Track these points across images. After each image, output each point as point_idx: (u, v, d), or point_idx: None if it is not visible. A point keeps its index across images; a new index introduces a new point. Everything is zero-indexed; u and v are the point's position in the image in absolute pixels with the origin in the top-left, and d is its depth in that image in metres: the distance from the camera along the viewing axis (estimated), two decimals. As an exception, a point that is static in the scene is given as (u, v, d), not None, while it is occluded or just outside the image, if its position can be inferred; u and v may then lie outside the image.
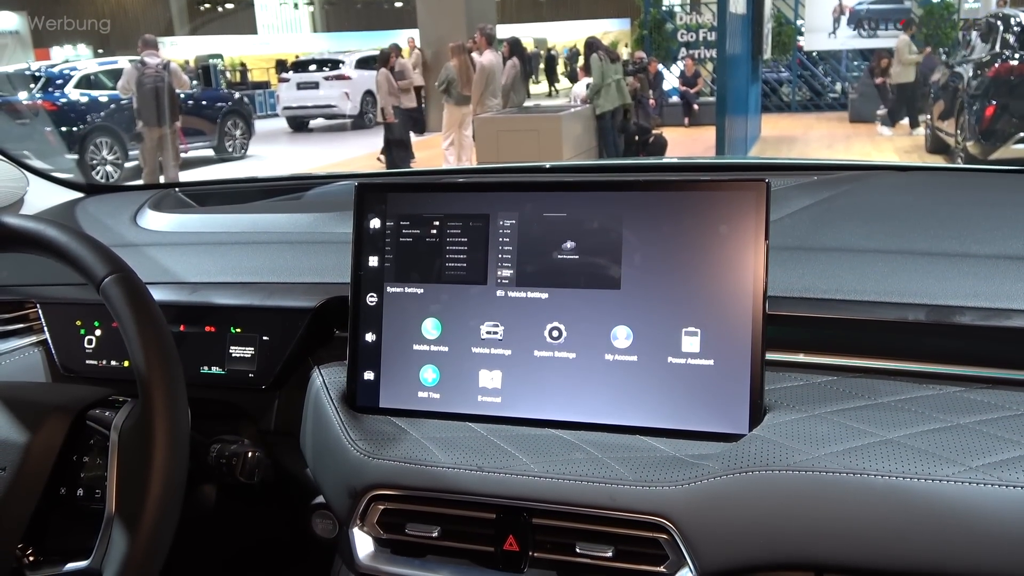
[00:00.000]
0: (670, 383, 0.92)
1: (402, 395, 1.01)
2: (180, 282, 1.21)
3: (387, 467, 0.93)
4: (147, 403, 0.82)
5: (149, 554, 0.79)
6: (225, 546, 1.15)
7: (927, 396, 0.89)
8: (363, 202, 1.03)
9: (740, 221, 0.91)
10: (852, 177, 1.28)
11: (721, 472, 0.84)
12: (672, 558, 0.86)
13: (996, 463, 0.79)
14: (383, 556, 0.96)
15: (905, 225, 1.08)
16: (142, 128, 8.38)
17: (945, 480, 0.78)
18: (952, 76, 9.05)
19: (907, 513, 0.79)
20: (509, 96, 8.90)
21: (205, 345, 1.13)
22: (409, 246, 1.01)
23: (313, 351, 1.12)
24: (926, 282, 0.96)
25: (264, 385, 1.11)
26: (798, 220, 1.12)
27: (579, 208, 0.96)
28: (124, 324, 0.84)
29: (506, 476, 0.90)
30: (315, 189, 1.62)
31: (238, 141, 11.99)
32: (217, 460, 1.02)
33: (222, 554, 1.16)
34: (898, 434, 0.84)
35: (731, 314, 0.90)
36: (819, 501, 0.81)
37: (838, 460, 0.82)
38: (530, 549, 0.91)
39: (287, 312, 1.11)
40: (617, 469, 0.87)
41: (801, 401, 0.90)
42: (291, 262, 1.21)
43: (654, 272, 0.93)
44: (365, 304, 1.02)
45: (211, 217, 1.43)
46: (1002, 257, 0.98)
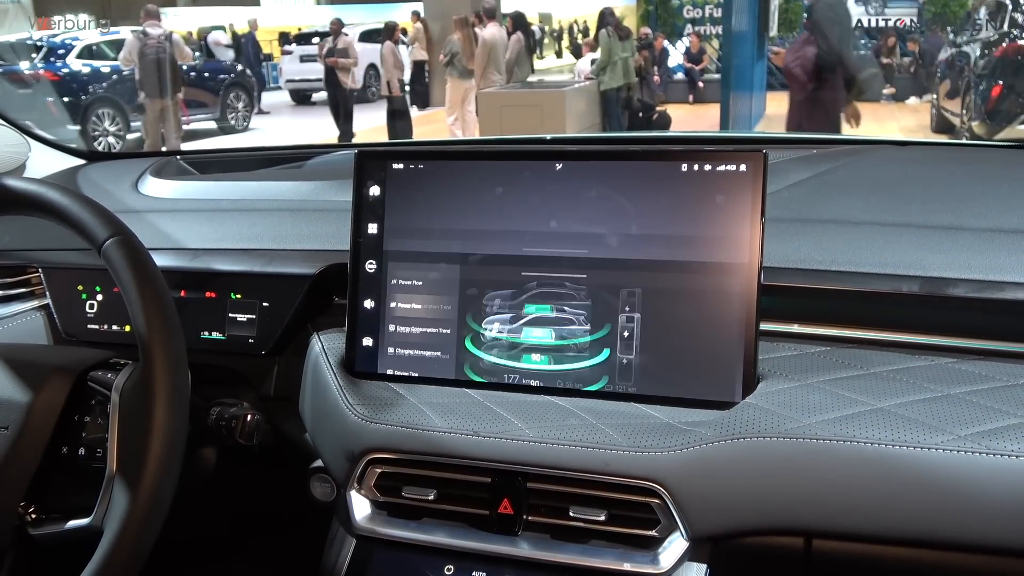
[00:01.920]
0: (666, 350, 0.93)
1: (401, 360, 1.02)
2: (181, 248, 1.22)
3: (384, 431, 0.95)
4: (147, 364, 0.83)
5: (150, 512, 0.80)
6: (225, 508, 1.17)
7: (919, 367, 0.90)
8: (363, 169, 1.03)
9: (737, 192, 0.91)
10: (850, 151, 1.28)
11: (713, 439, 0.86)
12: (664, 522, 0.88)
13: (985, 432, 0.80)
14: (380, 518, 0.98)
15: (901, 198, 1.09)
16: (144, 99, 8.34)
17: (934, 448, 0.80)
18: (959, 55, 8.98)
19: (896, 480, 0.80)
20: (513, 71, 8.86)
21: (205, 311, 1.14)
22: (408, 215, 1.02)
23: (312, 318, 1.13)
24: (920, 254, 0.97)
25: (264, 351, 1.13)
26: (795, 192, 1.13)
27: (578, 177, 0.97)
28: (125, 286, 0.85)
29: (502, 441, 0.91)
30: (316, 158, 1.62)
31: (240, 113, 11.94)
32: (217, 423, 1.03)
33: (222, 516, 1.18)
34: (889, 403, 0.85)
35: (727, 284, 0.91)
36: (809, 468, 0.82)
37: (829, 428, 0.83)
38: (524, 512, 0.92)
39: (287, 279, 1.12)
40: (611, 435, 0.88)
41: (794, 370, 0.91)
42: (291, 229, 1.21)
43: (652, 241, 0.94)
44: (364, 271, 1.03)
45: (212, 184, 1.43)
46: (996, 230, 0.99)
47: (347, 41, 9.38)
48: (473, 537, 0.94)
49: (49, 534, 0.90)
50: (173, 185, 1.41)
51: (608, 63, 8.60)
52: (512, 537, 0.92)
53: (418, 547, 0.96)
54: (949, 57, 9.51)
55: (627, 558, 0.89)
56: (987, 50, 8.06)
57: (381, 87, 9.66)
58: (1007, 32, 7.87)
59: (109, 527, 0.81)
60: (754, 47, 10.04)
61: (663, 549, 0.88)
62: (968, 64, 8.39)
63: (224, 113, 11.68)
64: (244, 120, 12.00)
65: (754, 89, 10.39)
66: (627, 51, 8.91)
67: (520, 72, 9.04)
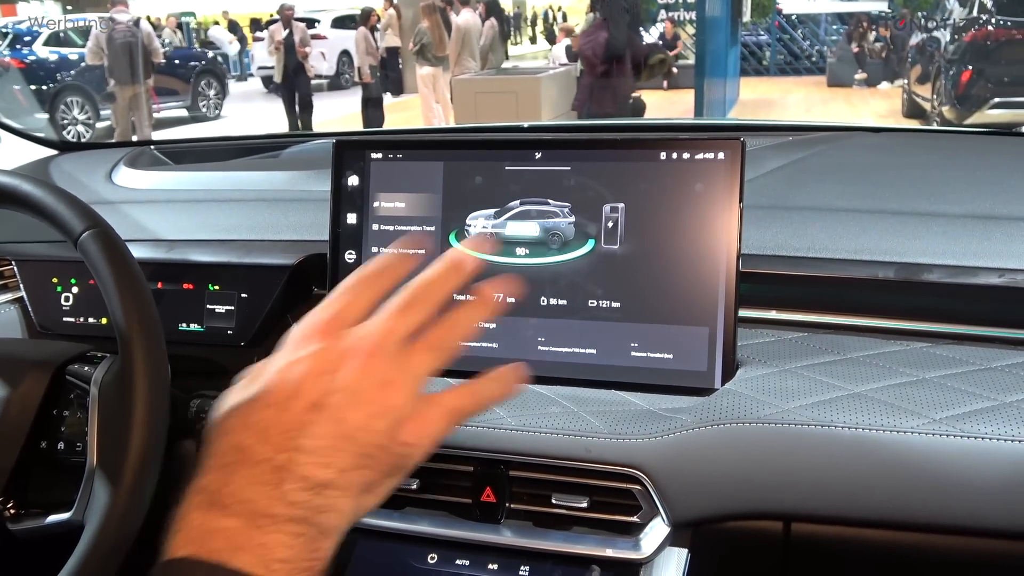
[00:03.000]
0: (645, 338, 0.94)
1: (381, 351, 1.02)
2: (157, 239, 1.21)
3: None
4: (127, 356, 0.83)
5: (131, 506, 0.80)
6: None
7: (894, 352, 0.91)
8: (342, 159, 1.03)
9: (716, 180, 0.92)
10: (826, 138, 1.29)
11: (693, 425, 0.86)
12: (645, 508, 0.88)
13: (959, 415, 0.81)
14: None
15: (877, 185, 1.10)
16: (114, 87, 8.22)
17: (910, 432, 0.81)
18: (929, 40, 9.07)
19: (872, 463, 0.81)
20: (487, 57, 8.83)
21: (183, 302, 1.14)
22: (387, 205, 1.02)
23: (292, 309, 1.13)
24: (896, 240, 0.98)
25: (243, 342, 1.12)
26: (773, 179, 1.14)
27: (555, 166, 0.97)
28: (103, 279, 0.84)
29: (484, 430, 0.91)
30: (292, 147, 1.61)
31: (212, 101, 11.82)
32: (197, 415, 1.03)
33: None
34: (865, 388, 0.86)
35: (706, 270, 0.92)
36: (788, 452, 0.83)
37: (807, 413, 0.84)
38: (507, 500, 0.92)
39: (265, 269, 1.12)
40: (592, 422, 0.89)
41: (772, 356, 0.93)
42: (269, 219, 1.21)
43: (630, 229, 0.94)
44: (344, 261, 1.03)
45: (187, 175, 1.42)
46: (970, 216, 1.00)
47: (302, 29, 9.05)
48: (456, 525, 0.94)
49: (29, 529, 0.89)
50: (148, 176, 1.40)
51: None
52: (495, 525, 0.93)
53: (401, 536, 0.96)
54: (920, 42, 9.60)
55: (609, 544, 0.90)
56: (957, 35, 8.15)
57: (354, 74, 9.56)
58: (977, 17, 7.95)
59: (90, 521, 0.81)
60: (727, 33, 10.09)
61: (644, 535, 0.89)
62: (938, 49, 8.47)
63: (195, 101, 11.56)
64: (216, 108, 11.88)
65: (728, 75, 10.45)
66: None
67: (494, 58, 9.02)
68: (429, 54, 8.59)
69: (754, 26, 15.65)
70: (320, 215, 1.12)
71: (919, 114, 9.26)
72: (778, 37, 15.63)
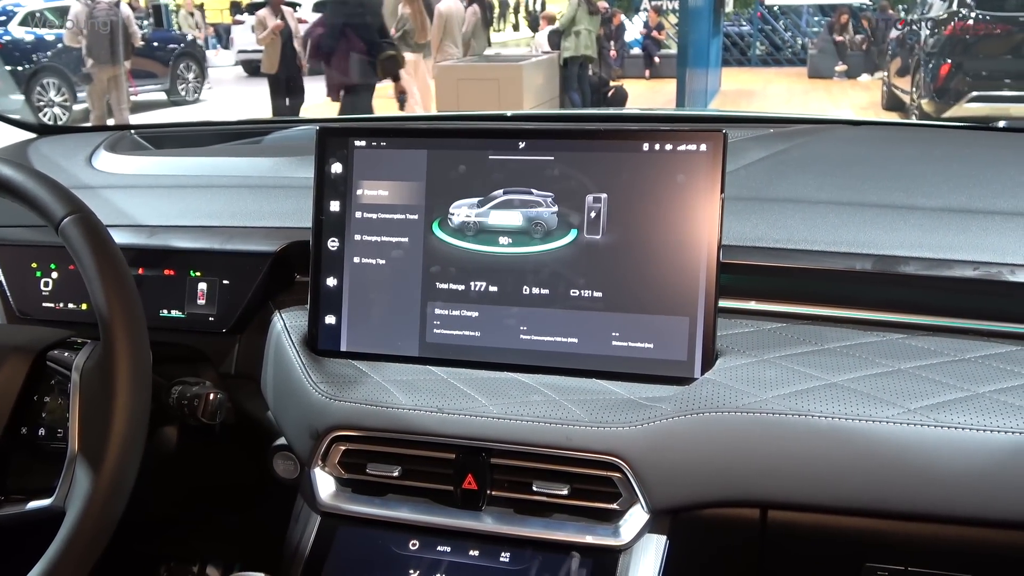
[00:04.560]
0: (626, 328, 0.95)
1: (364, 338, 1.02)
2: (138, 225, 1.20)
3: (349, 409, 0.95)
4: (108, 342, 0.82)
5: (112, 492, 0.80)
6: (186, 487, 1.16)
7: (871, 343, 0.93)
8: (325, 147, 1.03)
9: (697, 171, 0.93)
10: (807, 130, 1.31)
11: (673, 413, 0.88)
12: (625, 495, 0.90)
13: (933, 405, 0.83)
14: (344, 495, 0.98)
15: (856, 178, 1.12)
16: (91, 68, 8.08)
17: (885, 421, 0.82)
18: (909, 33, 9.12)
19: (848, 452, 0.83)
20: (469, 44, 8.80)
21: (164, 288, 1.13)
22: (370, 193, 1.02)
23: (274, 295, 1.13)
24: (874, 233, 0.99)
25: (224, 329, 1.12)
26: (753, 171, 1.15)
27: (539, 156, 0.97)
28: (84, 265, 0.84)
29: (466, 417, 0.92)
30: (275, 133, 1.61)
31: (191, 84, 11.70)
32: (179, 401, 1.03)
33: (184, 495, 1.17)
34: (842, 378, 0.87)
35: (686, 261, 0.93)
36: (765, 441, 0.85)
37: (784, 402, 0.85)
38: (488, 488, 0.93)
39: (247, 256, 1.12)
40: (573, 411, 0.90)
41: (751, 347, 0.94)
42: (251, 206, 1.20)
43: (613, 219, 0.95)
44: (327, 249, 1.03)
45: (168, 160, 1.41)
46: (946, 210, 1.02)
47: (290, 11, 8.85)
48: (438, 513, 0.95)
49: (9, 516, 0.89)
50: (128, 160, 1.39)
51: (571, 30, 8.56)
52: (476, 512, 0.94)
53: (383, 523, 0.97)
54: (900, 35, 9.66)
55: (589, 531, 0.91)
56: (937, 28, 8.20)
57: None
58: (956, 11, 8.00)
59: (72, 508, 0.80)
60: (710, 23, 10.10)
61: (624, 521, 0.90)
62: (918, 42, 8.53)
63: (174, 84, 11.44)
64: (195, 91, 11.76)
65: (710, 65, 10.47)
66: (593, 25, 8.89)
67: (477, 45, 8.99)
68: (411, 40, 8.53)
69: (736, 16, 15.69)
70: (303, 202, 1.12)
71: (899, 106, 9.33)
72: (760, 28, 15.68)
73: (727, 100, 11.48)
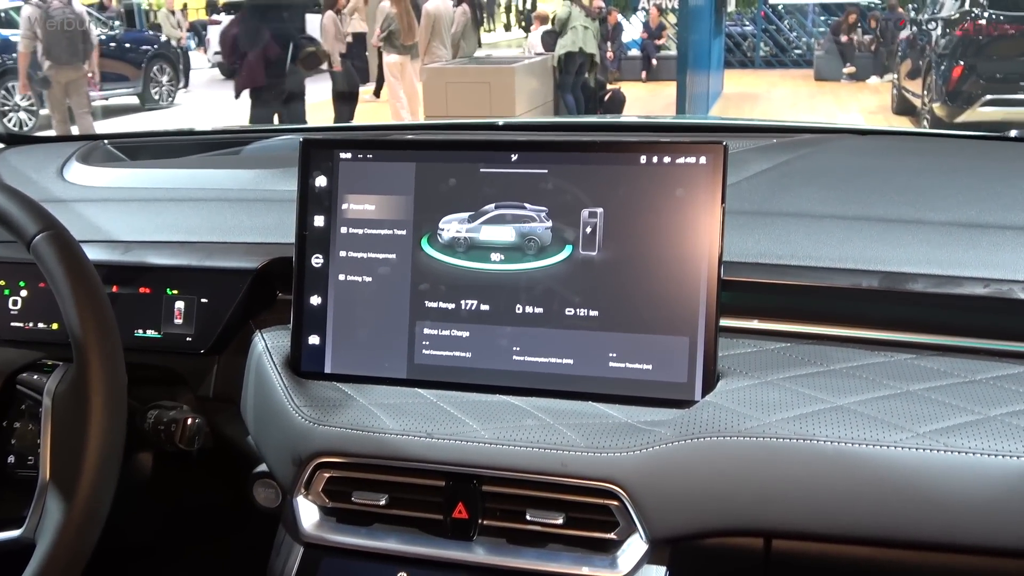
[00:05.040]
0: (623, 348, 0.96)
1: (350, 360, 1.03)
2: (112, 240, 1.21)
3: (333, 434, 0.96)
4: (82, 366, 0.83)
5: (85, 523, 0.81)
6: (162, 515, 1.17)
7: (878, 363, 0.94)
8: (309, 159, 1.04)
9: (697, 184, 0.94)
10: (811, 140, 1.32)
11: (673, 438, 0.88)
12: (623, 524, 0.90)
13: (943, 429, 0.84)
14: (328, 525, 0.99)
15: (862, 190, 1.13)
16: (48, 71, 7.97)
17: (893, 446, 0.83)
18: (920, 34, 9.19)
19: (855, 479, 0.84)
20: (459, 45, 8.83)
21: (139, 307, 1.14)
22: (356, 207, 1.03)
23: (255, 314, 1.14)
24: (881, 248, 1.01)
25: (202, 349, 1.13)
26: (755, 184, 1.16)
27: (532, 169, 0.99)
28: (57, 284, 0.85)
29: (456, 443, 0.93)
30: (256, 143, 1.62)
31: (165, 88, 11.71)
32: (155, 427, 1.03)
33: (159, 524, 1.18)
34: (848, 400, 0.89)
35: (686, 279, 0.94)
36: (769, 467, 0.86)
37: (788, 426, 0.86)
38: (480, 517, 0.94)
39: (227, 273, 1.12)
40: (569, 435, 0.91)
41: (754, 367, 0.95)
42: (231, 220, 1.21)
43: (609, 235, 0.96)
44: (310, 266, 1.04)
45: (144, 171, 1.42)
46: (955, 224, 1.03)
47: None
48: (427, 543, 0.96)
49: None
50: (102, 172, 1.40)
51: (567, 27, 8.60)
52: (467, 542, 0.94)
53: (369, 554, 0.97)
54: (910, 35, 9.73)
55: (585, 562, 0.92)
56: (948, 29, 8.26)
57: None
58: (968, 11, 8.07)
59: (42, 539, 0.81)
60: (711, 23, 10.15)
61: (622, 552, 0.91)
62: (929, 43, 8.59)
63: (147, 87, 11.44)
64: (169, 95, 11.76)
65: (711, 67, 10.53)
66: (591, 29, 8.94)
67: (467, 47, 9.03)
68: (397, 41, 8.56)
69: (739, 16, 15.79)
70: (286, 216, 1.13)
71: (909, 111, 9.39)
72: (764, 28, 15.78)
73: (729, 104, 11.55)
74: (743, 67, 15.22)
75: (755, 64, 15.54)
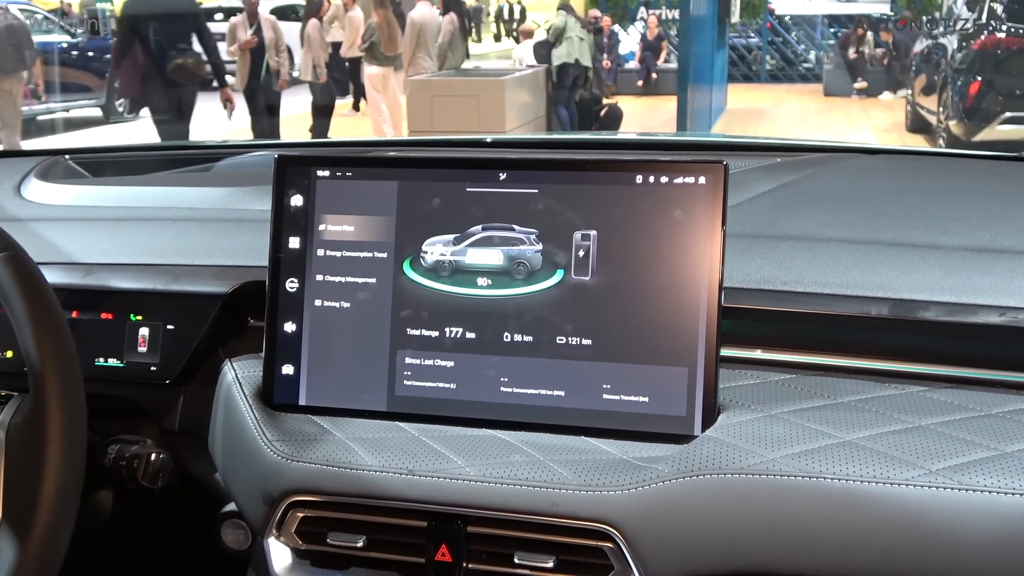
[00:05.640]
0: (618, 379, 0.96)
1: (326, 391, 1.03)
2: (72, 263, 1.21)
3: (307, 470, 0.96)
4: (39, 396, 0.83)
5: (41, 565, 0.80)
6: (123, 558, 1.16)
7: (888, 396, 0.95)
8: (284, 177, 1.04)
9: (696, 206, 0.95)
10: (817, 160, 1.34)
11: (671, 476, 0.89)
12: (617, 568, 0.90)
13: (958, 466, 0.85)
14: (302, 568, 0.99)
15: (871, 213, 1.14)
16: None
17: (904, 484, 0.84)
18: (935, 48, 9.29)
19: (864, 519, 0.84)
20: (446, 56, 8.88)
21: (101, 334, 1.14)
22: (334, 228, 1.03)
23: (224, 342, 1.14)
24: (890, 274, 1.02)
25: (168, 380, 1.13)
26: (758, 206, 1.17)
27: (521, 188, 1.00)
28: (14, 309, 0.85)
29: (439, 480, 0.93)
30: (227, 159, 1.62)
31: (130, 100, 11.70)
32: (116, 462, 1.03)
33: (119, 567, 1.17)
34: (857, 436, 0.89)
35: (684, 306, 0.95)
36: (773, 506, 0.86)
37: (794, 463, 0.87)
38: (464, 559, 0.94)
39: (195, 298, 1.13)
40: (559, 472, 0.91)
41: (757, 400, 0.96)
42: (200, 241, 1.22)
43: (603, 259, 0.97)
44: (285, 290, 1.04)
45: (108, 189, 1.43)
46: (969, 249, 1.04)
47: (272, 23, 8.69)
48: None
49: None
50: (63, 190, 1.40)
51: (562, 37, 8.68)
52: None
53: None
54: (925, 49, 9.83)
55: None
56: (965, 42, 8.35)
57: (303, 71, 9.34)
58: (986, 23, 8.15)
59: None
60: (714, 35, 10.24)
61: (616, 597, 0.91)
62: (945, 57, 8.68)
63: (111, 99, 11.44)
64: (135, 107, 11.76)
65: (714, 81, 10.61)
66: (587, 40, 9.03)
67: (453, 58, 9.08)
68: (379, 52, 8.59)
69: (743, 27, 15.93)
70: (258, 238, 1.14)
71: (924, 128, 9.46)
72: (770, 40, 15.93)
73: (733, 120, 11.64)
74: (748, 81, 15.34)
75: (760, 78, 15.67)
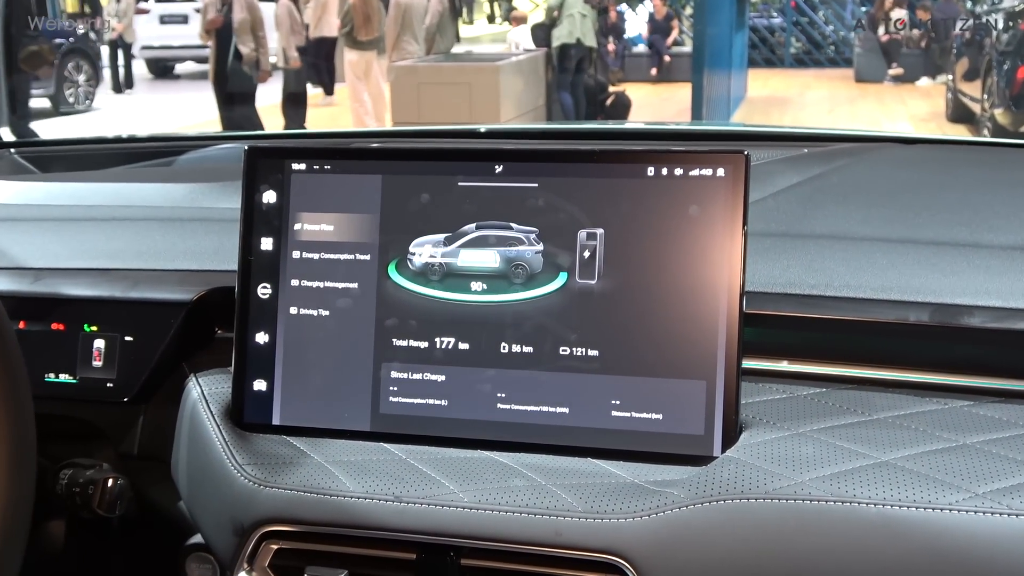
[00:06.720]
0: (628, 395, 0.96)
1: (303, 409, 1.03)
2: (19, 267, 1.21)
3: (282, 497, 0.96)
4: None
5: None
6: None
7: (929, 411, 0.95)
8: (255, 171, 1.05)
9: (714, 201, 0.95)
10: (848, 151, 1.34)
11: (688, 501, 0.89)
12: (628, 604, 0.91)
13: (1007, 488, 0.85)
14: None
15: (908, 209, 1.15)
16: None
17: (947, 509, 0.84)
18: (978, 28, 9.31)
19: (903, 547, 0.84)
20: (434, 40, 8.90)
21: (51, 347, 1.14)
22: (310, 228, 1.04)
23: (189, 356, 1.14)
24: (931, 277, 1.02)
25: (126, 397, 1.13)
26: (784, 201, 1.18)
27: (519, 183, 1.00)
28: None
29: (430, 507, 0.93)
30: (192, 153, 1.63)
31: (82, 89, 11.73)
32: (68, 489, 1.03)
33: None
34: (895, 456, 0.89)
35: (701, 313, 0.95)
36: (802, 534, 0.86)
37: (825, 486, 0.87)
38: None
39: (156, 306, 1.13)
40: (564, 498, 0.91)
41: (783, 417, 0.96)
42: (162, 244, 1.22)
43: (611, 261, 0.97)
44: (256, 297, 1.04)
45: (58, 186, 1.43)
46: (1018, 248, 1.05)
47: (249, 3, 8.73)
48: None
49: None
50: (7, 186, 1.41)
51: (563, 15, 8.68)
52: None
53: None
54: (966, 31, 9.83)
55: None
56: (1012, 21, 8.35)
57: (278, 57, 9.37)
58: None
59: None
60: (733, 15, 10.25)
61: (627, 636, 0.91)
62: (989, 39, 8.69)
63: (60, 87, 11.45)
64: (87, 97, 11.79)
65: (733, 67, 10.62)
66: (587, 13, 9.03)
67: (443, 42, 9.09)
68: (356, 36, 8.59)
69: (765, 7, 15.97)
70: (227, 239, 1.14)
71: (967, 118, 9.47)
72: (795, 21, 15.95)
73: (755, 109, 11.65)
74: (770, 66, 15.37)
75: (785, 63, 15.69)
